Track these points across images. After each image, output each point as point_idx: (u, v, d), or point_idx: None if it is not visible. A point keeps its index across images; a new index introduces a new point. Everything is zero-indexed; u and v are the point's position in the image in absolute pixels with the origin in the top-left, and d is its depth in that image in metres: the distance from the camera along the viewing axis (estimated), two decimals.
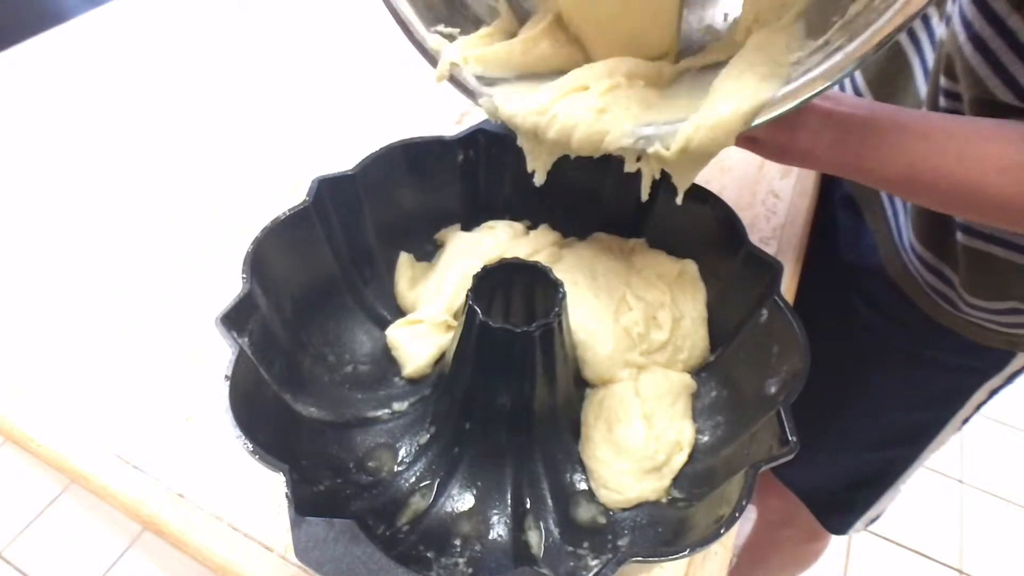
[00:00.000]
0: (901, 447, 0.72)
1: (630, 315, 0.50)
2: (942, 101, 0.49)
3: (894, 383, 0.68)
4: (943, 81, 0.48)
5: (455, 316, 0.53)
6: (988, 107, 0.44)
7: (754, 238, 0.52)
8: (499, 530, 0.44)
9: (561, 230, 0.58)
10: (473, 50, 0.44)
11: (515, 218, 0.58)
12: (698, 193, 0.52)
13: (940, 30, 0.48)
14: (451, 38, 0.44)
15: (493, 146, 0.54)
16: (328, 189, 0.49)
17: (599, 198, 0.56)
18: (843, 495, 0.79)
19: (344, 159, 0.51)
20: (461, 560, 0.43)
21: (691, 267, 0.54)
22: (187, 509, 0.47)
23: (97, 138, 0.77)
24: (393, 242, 0.56)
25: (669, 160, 0.38)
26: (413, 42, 0.44)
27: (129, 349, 0.57)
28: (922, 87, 0.53)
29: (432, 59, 0.44)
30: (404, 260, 0.56)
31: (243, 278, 0.43)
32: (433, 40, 0.44)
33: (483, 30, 0.46)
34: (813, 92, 0.33)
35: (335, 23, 0.96)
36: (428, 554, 0.42)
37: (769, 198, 0.70)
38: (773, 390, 0.43)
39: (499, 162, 0.55)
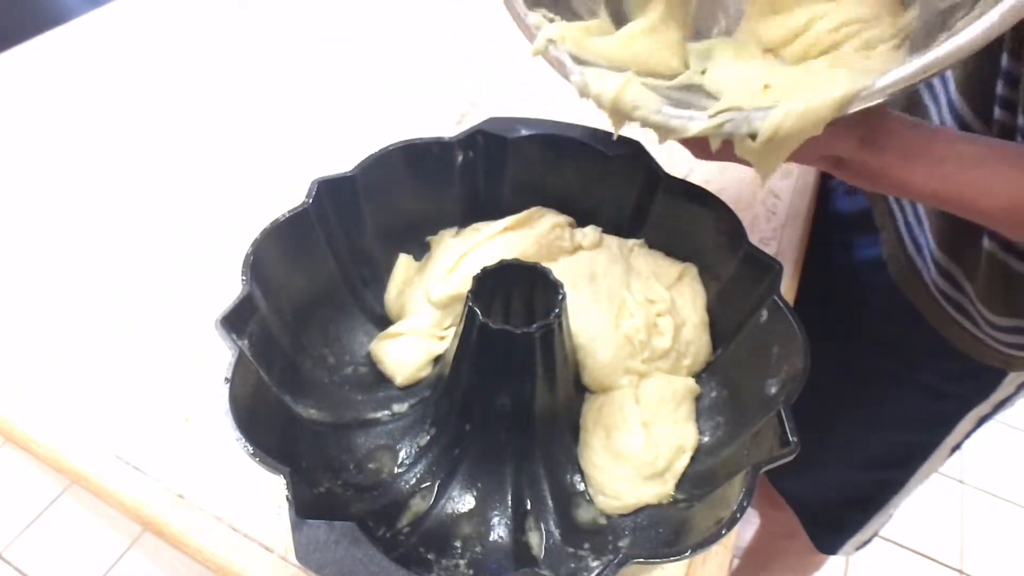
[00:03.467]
0: (891, 470, 0.72)
1: (631, 322, 0.50)
2: (999, 88, 0.46)
3: (884, 403, 0.67)
4: (1005, 61, 0.45)
5: (444, 327, 0.53)
6: None
7: (754, 238, 0.52)
8: (500, 531, 0.44)
9: None
10: (570, 33, 0.44)
11: None
12: (697, 193, 0.52)
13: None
14: (551, 21, 0.45)
15: (492, 147, 0.54)
16: (327, 190, 0.49)
17: (598, 198, 0.56)
18: (834, 513, 0.79)
19: (343, 160, 0.51)
20: (462, 562, 0.43)
21: (691, 270, 0.54)
22: (187, 510, 0.47)
23: (97, 139, 0.77)
24: (392, 243, 0.56)
25: (755, 149, 0.37)
26: (513, 15, 0.45)
27: (129, 349, 0.57)
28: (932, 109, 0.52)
29: (530, 34, 0.45)
30: (403, 261, 0.56)
31: (243, 280, 0.43)
32: (534, 17, 0.44)
33: (582, 23, 0.46)
34: (911, 82, 0.32)
35: (335, 23, 0.96)
36: (429, 556, 0.42)
37: (769, 198, 0.70)
38: (773, 391, 0.43)
39: (498, 163, 0.55)
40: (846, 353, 0.68)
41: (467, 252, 0.54)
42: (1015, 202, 0.37)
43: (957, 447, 0.68)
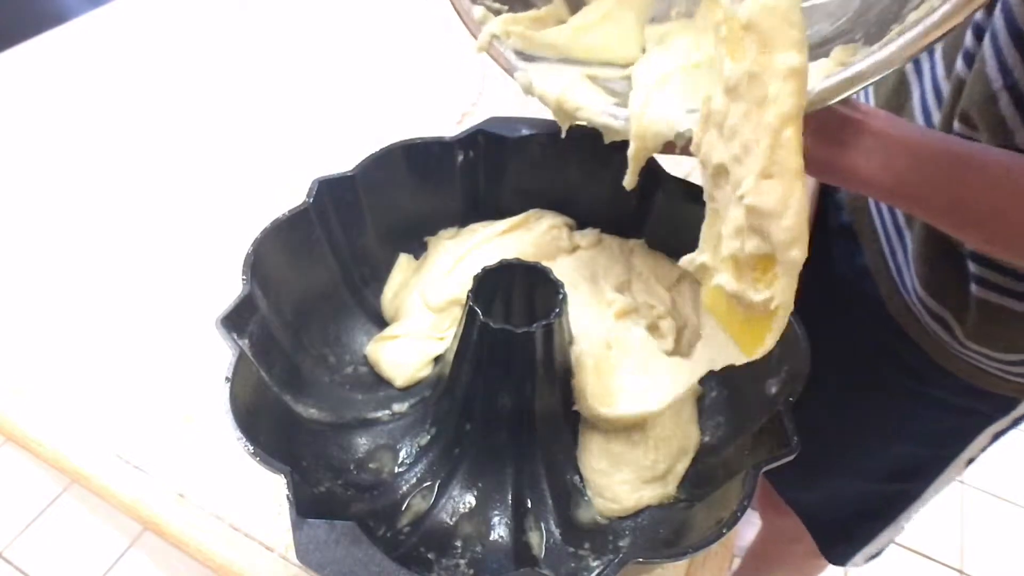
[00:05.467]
0: (902, 482, 0.70)
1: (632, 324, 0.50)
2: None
3: (895, 417, 0.66)
4: (958, 127, 0.45)
5: (442, 330, 0.53)
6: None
7: None
8: (500, 531, 0.44)
9: None
10: (517, 27, 0.43)
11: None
12: (698, 193, 0.51)
13: (957, 65, 0.45)
14: (498, 13, 0.44)
15: (493, 147, 0.54)
16: (328, 190, 0.49)
17: (599, 198, 0.56)
18: (844, 524, 0.77)
19: (344, 159, 0.51)
20: (462, 561, 0.43)
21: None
22: (187, 509, 0.47)
23: (97, 139, 0.77)
24: (393, 243, 0.56)
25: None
26: (458, 10, 0.44)
27: (129, 349, 0.57)
28: (919, 115, 0.51)
29: (475, 30, 0.43)
30: (403, 261, 0.56)
31: (243, 279, 0.43)
32: (478, 11, 0.43)
33: (533, 12, 0.45)
34: (854, 88, 0.32)
35: (335, 23, 0.96)
36: (429, 555, 0.42)
37: None
38: (773, 391, 0.43)
39: (499, 163, 0.55)
40: (858, 366, 0.66)
41: (464, 255, 0.54)
42: (965, 204, 0.37)
43: (972, 460, 0.66)
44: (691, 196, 0.52)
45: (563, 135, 0.43)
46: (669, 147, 0.40)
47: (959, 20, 0.28)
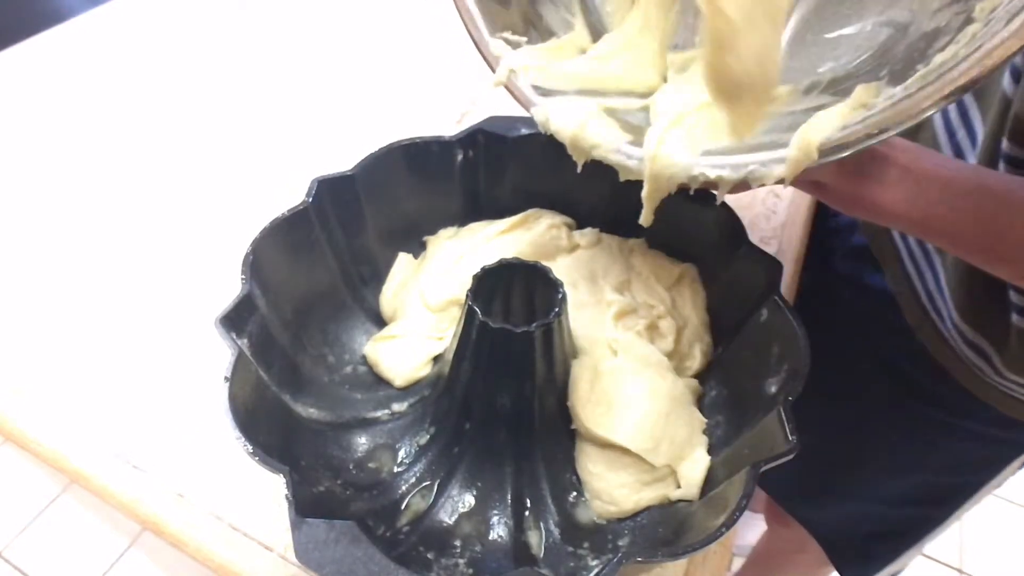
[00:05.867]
0: (926, 508, 0.69)
1: (632, 324, 0.50)
2: (1002, 167, 0.44)
3: (918, 445, 0.64)
4: (1007, 146, 0.43)
5: (441, 330, 0.53)
6: None
7: (754, 238, 0.52)
8: (499, 531, 0.44)
9: None
10: (536, 59, 0.43)
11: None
12: (697, 192, 0.52)
13: (1004, 81, 0.44)
14: (516, 46, 0.43)
15: (493, 146, 0.54)
16: (327, 189, 0.49)
17: (599, 198, 0.56)
18: (862, 545, 0.76)
19: (344, 159, 0.51)
20: (461, 561, 0.43)
21: (691, 271, 0.53)
22: (187, 509, 0.47)
23: (97, 138, 0.77)
24: (392, 242, 0.56)
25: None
26: (476, 44, 0.43)
27: (129, 349, 0.57)
28: (941, 135, 0.50)
29: (492, 63, 0.43)
30: (402, 260, 0.56)
31: (242, 279, 0.43)
32: (495, 45, 0.43)
33: (553, 42, 0.45)
34: (873, 140, 0.31)
35: (335, 23, 0.96)
36: (428, 555, 0.42)
37: (769, 197, 0.70)
38: (773, 389, 0.43)
39: (499, 162, 0.55)
40: (892, 401, 0.64)
41: (463, 255, 0.54)
42: (995, 239, 0.36)
43: (999, 485, 0.65)
44: (691, 196, 0.52)
45: (578, 170, 0.42)
46: (684, 187, 0.39)
47: (996, 63, 0.27)
